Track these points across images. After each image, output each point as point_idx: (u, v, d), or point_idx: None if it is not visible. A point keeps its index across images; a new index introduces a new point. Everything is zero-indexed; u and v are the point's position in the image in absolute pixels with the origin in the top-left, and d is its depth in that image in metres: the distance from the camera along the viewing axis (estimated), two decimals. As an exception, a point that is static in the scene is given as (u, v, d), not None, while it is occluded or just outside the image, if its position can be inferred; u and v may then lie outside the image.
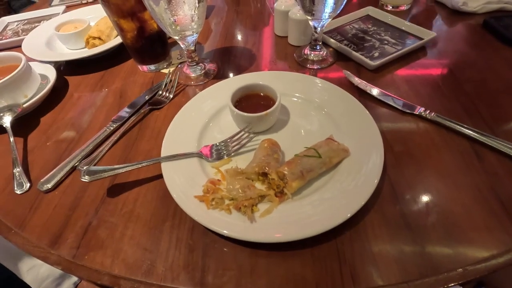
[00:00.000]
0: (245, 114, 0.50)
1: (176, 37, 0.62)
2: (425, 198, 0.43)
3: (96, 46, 0.78)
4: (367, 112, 0.52)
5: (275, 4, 0.76)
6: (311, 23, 0.65)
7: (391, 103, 0.57)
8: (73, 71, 0.77)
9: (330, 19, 0.62)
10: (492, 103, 0.56)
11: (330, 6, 0.58)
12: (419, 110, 0.55)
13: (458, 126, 0.51)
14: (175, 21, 0.57)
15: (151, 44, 0.70)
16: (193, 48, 0.67)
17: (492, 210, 0.41)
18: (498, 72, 0.63)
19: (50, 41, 0.83)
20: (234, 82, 0.59)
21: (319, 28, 0.65)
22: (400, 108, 0.56)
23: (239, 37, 0.85)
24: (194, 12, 0.57)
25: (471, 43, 0.72)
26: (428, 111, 0.54)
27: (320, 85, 0.60)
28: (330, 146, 0.47)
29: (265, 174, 0.45)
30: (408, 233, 0.40)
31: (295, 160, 0.45)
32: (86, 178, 0.45)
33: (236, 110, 0.51)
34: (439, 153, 0.49)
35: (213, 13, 0.97)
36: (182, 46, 0.66)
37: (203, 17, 0.61)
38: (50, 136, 0.60)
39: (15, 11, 1.42)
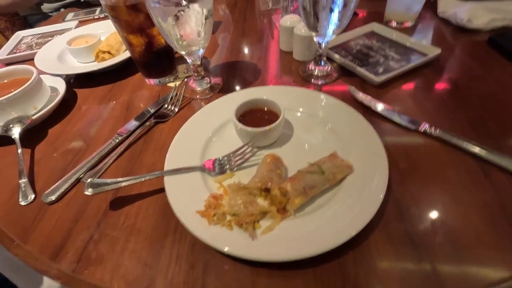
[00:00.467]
0: (249, 128, 0.51)
1: (183, 52, 0.63)
2: (431, 216, 0.42)
3: (106, 60, 0.80)
4: (372, 127, 0.52)
5: (280, 20, 0.78)
6: (315, 39, 0.65)
7: (396, 119, 0.57)
8: (83, 84, 0.78)
9: (334, 36, 0.63)
10: (499, 119, 0.56)
11: (334, 23, 0.58)
12: (425, 126, 0.54)
13: (465, 143, 0.50)
14: (182, 37, 0.59)
15: (158, 59, 0.72)
16: (199, 62, 0.68)
17: (502, 229, 0.40)
18: (504, 88, 0.62)
19: (62, 55, 0.86)
20: (238, 97, 0.59)
21: (323, 44, 0.66)
22: (405, 124, 0.56)
23: (245, 52, 0.86)
24: (201, 28, 0.59)
25: (476, 60, 0.72)
26: (434, 127, 0.53)
27: (324, 100, 0.60)
28: (333, 162, 0.47)
29: (267, 190, 0.44)
30: (414, 253, 0.39)
31: (298, 176, 0.45)
32: (89, 191, 0.45)
33: (240, 124, 0.51)
34: (445, 170, 0.48)
35: (219, 28, 0.99)
36: (188, 60, 0.67)
37: (210, 32, 0.63)
38: (57, 147, 0.61)
39: (31, 26, 1.47)
